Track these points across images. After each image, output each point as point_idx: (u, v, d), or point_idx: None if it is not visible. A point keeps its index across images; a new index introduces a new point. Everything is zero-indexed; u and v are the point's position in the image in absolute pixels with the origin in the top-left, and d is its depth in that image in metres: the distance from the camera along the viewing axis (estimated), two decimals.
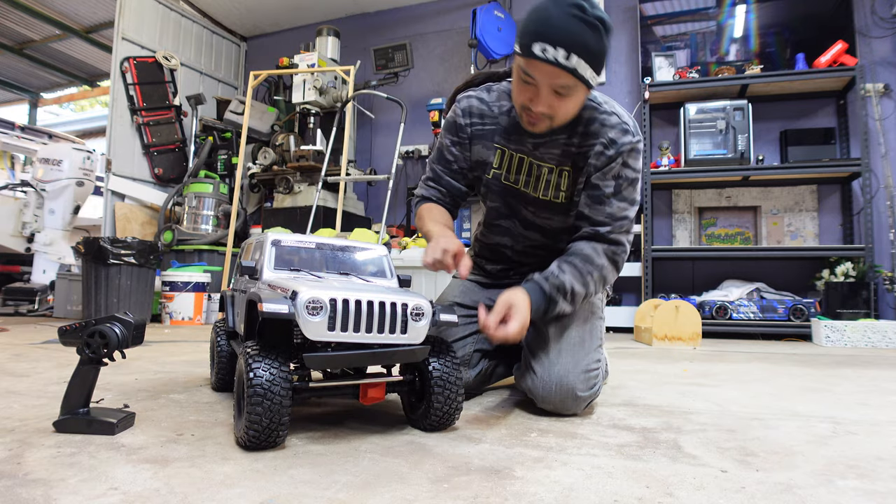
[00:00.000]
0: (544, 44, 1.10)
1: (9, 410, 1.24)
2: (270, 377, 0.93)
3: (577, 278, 1.26)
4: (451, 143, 1.43)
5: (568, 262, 1.28)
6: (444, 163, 1.45)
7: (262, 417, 0.92)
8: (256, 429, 0.92)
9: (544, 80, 1.15)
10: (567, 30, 1.09)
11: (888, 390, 1.73)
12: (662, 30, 4.62)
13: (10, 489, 0.76)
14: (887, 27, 4.04)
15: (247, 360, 0.95)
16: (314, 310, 0.95)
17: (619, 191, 1.29)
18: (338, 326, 0.97)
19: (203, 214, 4.88)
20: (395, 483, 0.81)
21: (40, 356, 2.17)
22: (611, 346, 3.05)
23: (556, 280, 1.25)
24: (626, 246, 1.34)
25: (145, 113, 5.16)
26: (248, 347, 0.98)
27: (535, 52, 1.11)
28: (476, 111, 1.40)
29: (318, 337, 0.96)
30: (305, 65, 4.63)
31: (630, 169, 1.29)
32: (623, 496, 0.78)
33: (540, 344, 1.33)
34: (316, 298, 0.95)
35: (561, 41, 1.09)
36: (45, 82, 9.04)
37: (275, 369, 0.94)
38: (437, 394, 1.08)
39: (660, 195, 4.50)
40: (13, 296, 5.03)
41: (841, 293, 3.59)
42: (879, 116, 3.94)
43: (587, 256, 1.29)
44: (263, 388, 0.92)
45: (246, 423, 0.93)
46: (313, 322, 0.95)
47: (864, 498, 0.78)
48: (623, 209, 1.31)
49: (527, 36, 1.13)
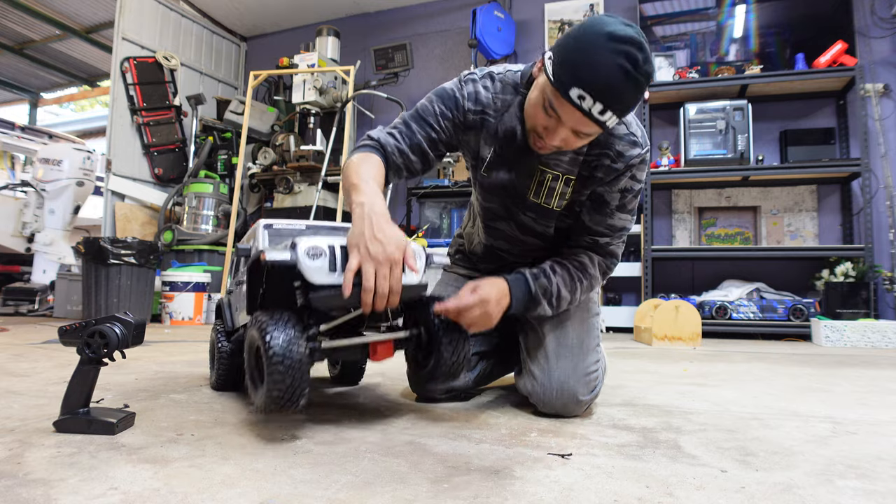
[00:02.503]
0: (583, 91, 0.99)
1: (9, 410, 1.24)
2: (287, 338, 0.95)
3: (567, 284, 1.25)
4: (441, 114, 1.27)
5: (562, 264, 1.27)
6: (426, 126, 1.27)
7: (285, 377, 0.93)
8: (280, 389, 0.94)
9: (569, 122, 1.06)
10: (612, 85, 0.99)
11: (888, 390, 1.73)
12: (662, 30, 4.63)
13: (10, 489, 0.76)
14: (887, 27, 4.04)
15: (260, 326, 0.96)
16: (314, 256, 0.98)
17: (623, 203, 1.27)
18: (338, 268, 0.99)
19: (203, 214, 4.89)
20: (395, 483, 0.81)
21: (40, 356, 2.17)
22: (611, 346, 3.06)
23: (544, 281, 1.23)
24: (619, 258, 1.33)
25: (145, 113, 5.16)
26: (259, 315, 0.99)
27: (571, 96, 1.01)
28: (483, 99, 1.27)
29: (320, 280, 0.98)
30: (305, 65, 4.64)
31: (636, 182, 1.26)
32: (623, 496, 0.78)
33: (538, 347, 1.33)
34: (314, 245, 0.98)
35: (601, 96, 0.99)
36: (45, 82, 9.04)
37: (290, 330, 0.96)
38: (445, 344, 1.12)
39: (660, 195, 4.50)
40: (13, 296, 5.03)
41: (840, 293, 3.59)
42: (879, 116, 3.94)
43: (583, 265, 1.27)
44: (282, 349, 0.93)
45: (268, 386, 0.94)
46: (315, 266, 0.97)
47: (863, 498, 0.78)
48: (624, 221, 1.29)
49: (566, 73, 1.01)
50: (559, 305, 1.27)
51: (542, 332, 1.33)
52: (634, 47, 0.98)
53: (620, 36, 0.97)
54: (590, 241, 1.30)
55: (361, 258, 0.97)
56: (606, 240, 1.29)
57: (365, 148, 1.26)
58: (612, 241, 1.29)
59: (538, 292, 1.23)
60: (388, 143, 1.26)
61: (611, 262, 1.31)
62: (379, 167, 1.20)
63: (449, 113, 1.28)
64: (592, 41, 0.99)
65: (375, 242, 0.97)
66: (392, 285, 0.98)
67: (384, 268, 0.97)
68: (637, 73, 0.98)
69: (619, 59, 0.97)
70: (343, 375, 1.66)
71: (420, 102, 1.32)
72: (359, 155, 1.22)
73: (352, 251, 0.99)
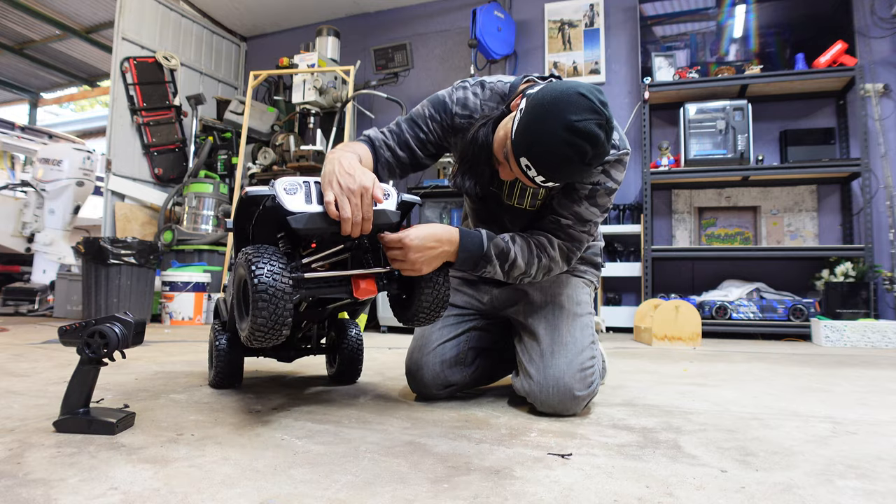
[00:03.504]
0: (530, 163, 1.07)
1: (9, 410, 1.24)
2: (271, 269, 0.98)
3: (524, 255, 1.26)
4: (430, 117, 1.35)
5: (523, 237, 1.27)
6: (416, 127, 1.36)
7: (269, 304, 0.96)
8: (264, 317, 0.96)
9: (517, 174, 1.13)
10: (555, 169, 1.06)
11: (888, 390, 1.73)
12: (662, 30, 4.62)
13: (10, 489, 0.76)
14: (887, 27, 4.04)
15: (247, 258, 1.00)
16: (291, 191, 1.03)
17: (592, 195, 1.26)
18: (314, 199, 1.06)
19: (203, 214, 4.88)
20: (395, 483, 0.81)
21: (40, 356, 2.17)
22: (611, 346, 3.06)
23: (501, 243, 1.24)
24: (584, 245, 1.32)
25: (145, 113, 5.16)
26: (245, 250, 1.03)
27: (520, 162, 1.08)
28: (471, 105, 1.33)
29: (297, 208, 1.03)
30: (305, 65, 4.64)
31: (611, 179, 1.27)
32: (623, 496, 0.78)
33: (532, 346, 1.33)
34: (291, 181, 1.05)
35: (544, 172, 1.07)
36: (45, 82, 9.04)
37: (275, 262, 0.99)
38: (426, 288, 1.17)
39: (660, 195, 4.50)
40: (13, 296, 5.03)
41: (840, 293, 3.59)
42: (879, 116, 3.94)
43: (542, 244, 1.28)
44: (266, 280, 0.96)
45: (252, 314, 0.97)
46: (292, 199, 1.03)
47: (863, 498, 0.78)
48: (591, 213, 1.28)
49: (522, 142, 1.07)
50: (511, 272, 1.27)
51: (536, 332, 1.34)
52: (589, 143, 1.03)
53: (577, 129, 1.02)
54: (552, 220, 1.29)
55: (335, 191, 1.05)
56: (569, 222, 1.28)
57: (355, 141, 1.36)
58: (575, 227, 1.29)
59: (490, 250, 1.24)
60: (376, 137, 1.36)
61: (573, 247, 1.30)
62: (364, 151, 1.30)
63: (437, 116, 1.35)
64: (551, 127, 1.03)
65: (346, 175, 1.06)
66: (364, 212, 1.06)
67: (356, 197, 1.05)
68: (583, 163, 1.05)
69: (569, 151, 1.03)
70: (340, 374, 1.67)
71: (414, 108, 1.40)
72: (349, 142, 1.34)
73: (325, 187, 1.07)
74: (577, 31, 4.89)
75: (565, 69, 4.89)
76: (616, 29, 4.80)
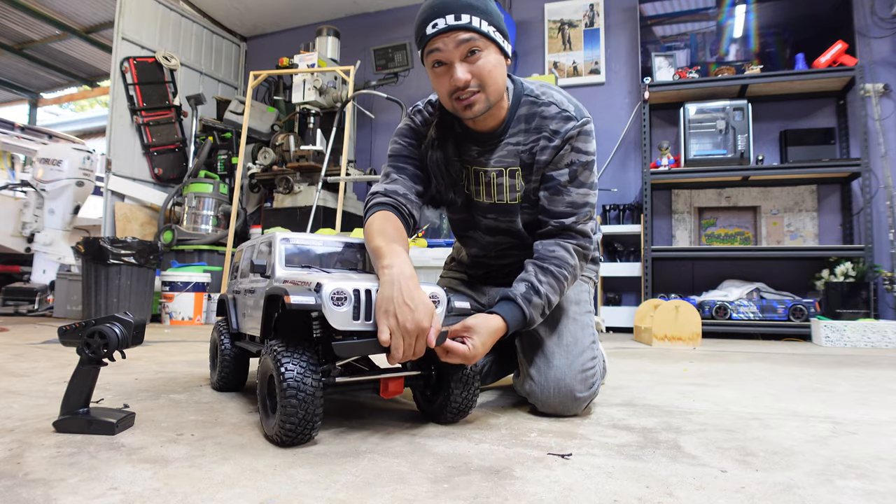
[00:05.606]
0: (433, 20, 1.13)
1: (9, 410, 1.24)
2: (301, 371, 0.96)
3: (555, 288, 1.24)
4: (409, 145, 1.36)
5: (544, 269, 1.25)
6: (406, 160, 1.35)
7: (298, 410, 0.94)
8: (292, 422, 0.94)
9: (450, 50, 1.14)
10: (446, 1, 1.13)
11: (888, 390, 1.73)
12: (662, 30, 4.63)
13: (10, 489, 0.76)
14: (887, 27, 4.04)
15: (275, 356, 0.97)
16: (339, 300, 0.98)
17: (574, 177, 1.26)
18: (362, 315, 1.00)
19: (203, 214, 4.89)
20: (395, 483, 0.81)
21: (40, 356, 2.17)
22: (611, 346, 3.06)
23: (536, 299, 1.22)
24: (592, 236, 1.32)
25: (145, 113, 5.16)
26: (274, 345, 1.00)
27: (428, 32, 1.13)
28: (428, 120, 1.35)
29: (343, 326, 0.99)
30: (305, 65, 4.64)
31: (582, 153, 1.26)
32: (623, 496, 0.78)
33: (533, 348, 1.33)
34: (341, 289, 0.98)
35: (445, 9, 1.12)
36: (45, 82, 9.04)
37: (304, 363, 0.97)
38: (456, 388, 1.14)
39: (659, 195, 4.50)
40: (13, 296, 5.03)
41: (840, 293, 3.59)
42: (879, 116, 3.94)
43: (561, 260, 1.26)
44: (296, 381, 0.94)
45: (280, 419, 0.95)
46: (339, 312, 0.98)
47: (863, 498, 0.78)
48: (583, 196, 1.28)
49: (419, 30, 1.16)
50: (550, 309, 1.27)
51: (537, 334, 1.33)
52: None
53: None
54: (556, 224, 1.28)
55: (391, 328, 0.98)
56: (572, 220, 1.27)
57: (377, 207, 1.30)
58: (579, 220, 1.28)
59: (532, 315, 1.23)
60: (394, 191, 1.31)
61: (585, 244, 1.30)
62: (396, 222, 1.24)
63: (414, 141, 1.36)
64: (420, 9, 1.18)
65: (404, 308, 0.98)
66: (417, 351, 1.01)
67: (411, 337, 0.99)
68: None
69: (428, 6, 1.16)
70: None
71: (388, 149, 1.39)
72: (375, 215, 1.26)
73: (381, 317, 1.00)
74: (577, 31, 4.89)
75: (565, 69, 4.89)
76: (616, 29, 4.81)
